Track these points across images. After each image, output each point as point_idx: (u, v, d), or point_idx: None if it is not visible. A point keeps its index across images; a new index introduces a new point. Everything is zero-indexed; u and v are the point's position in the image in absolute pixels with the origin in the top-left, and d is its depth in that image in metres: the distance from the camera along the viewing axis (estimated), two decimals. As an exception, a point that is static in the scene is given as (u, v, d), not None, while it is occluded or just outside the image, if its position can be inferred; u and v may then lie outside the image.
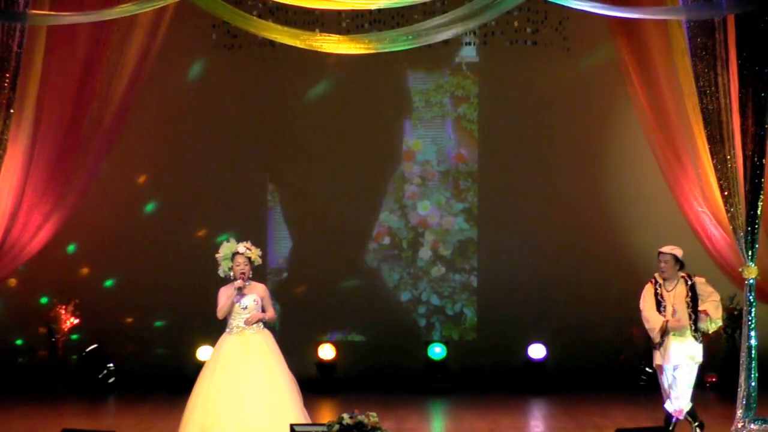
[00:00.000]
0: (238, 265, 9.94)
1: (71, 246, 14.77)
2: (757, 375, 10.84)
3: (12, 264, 11.85)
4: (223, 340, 9.94)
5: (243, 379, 9.65)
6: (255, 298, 9.96)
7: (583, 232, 14.97)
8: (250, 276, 10.01)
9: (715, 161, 10.98)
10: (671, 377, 10.26)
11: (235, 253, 9.96)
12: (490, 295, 15.09)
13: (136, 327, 14.92)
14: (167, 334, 14.88)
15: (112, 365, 14.23)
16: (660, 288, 10.34)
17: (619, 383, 14.15)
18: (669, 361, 10.21)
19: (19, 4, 10.93)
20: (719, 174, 10.96)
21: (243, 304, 9.91)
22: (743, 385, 10.82)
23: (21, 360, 14.83)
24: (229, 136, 15.02)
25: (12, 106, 11.14)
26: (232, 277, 9.98)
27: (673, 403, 10.23)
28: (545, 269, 14.96)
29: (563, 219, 14.99)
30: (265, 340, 9.94)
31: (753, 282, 10.87)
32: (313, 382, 13.55)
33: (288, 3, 11.09)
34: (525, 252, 15.05)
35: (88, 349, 14.17)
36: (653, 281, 10.41)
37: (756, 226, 10.80)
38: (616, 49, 12.22)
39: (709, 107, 10.93)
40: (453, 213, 15.24)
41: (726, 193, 10.92)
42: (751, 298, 10.87)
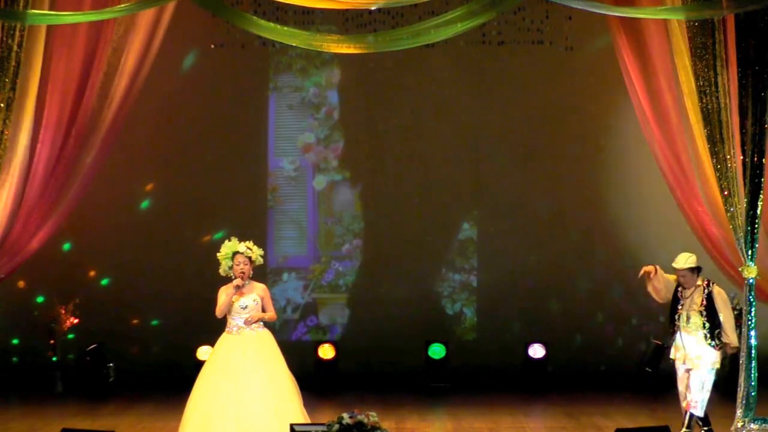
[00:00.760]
0: (238, 265, 9.93)
1: (66, 244, 14.76)
2: (757, 375, 10.85)
3: (11, 263, 11.85)
4: (223, 339, 9.94)
5: (242, 379, 9.64)
6: (255, 297, 9.95)
7: (583, 231, 14.98)
8: (250, 276, 10.01)
9: (715, 161, 10.98)
10: (681, 374, 10.30)
11: (236, 253, 9.95)
12: (490, 295, 15.09)
13: (135, 327, 14.93)
14: (167, 333, 14.87)
15: (112, 365, 14.22)
16: (681, 289, 10.39)
17: (619, 383, 14.15)
18: (677, 357, 10.27)
19: (19, 3, 10.94)
20: (719, 174, 10.96)
21: (243, 303, 9.91)
22: (743, 385, 10.83)
23: (21, 360, 14.82)
24: (229, 135, 15.02)
25: (12, 106, 11.15)
26: (232, 276, 9.98)
27: (687, 398, 10.31)
28: (545, 269, 14.97)
29: (563, 219, 15.00)
30: (265, 339, 9.94)
31: (753, 282, 10.87)
32: (313, 381, 13.55)
33: (288, 3, 11.08)
34: (525, 252, 15.05)
35: (88, 349, 14.16)
36: (676, 288, 10.45)
37: (756, 225, 10.80)
38: (616, 49, 12.21)
39: (709, 107, 10.94)
40: (453, 213, 15.27)
41: (726, 193, 10.93)
42: (751, 297, 10.88)
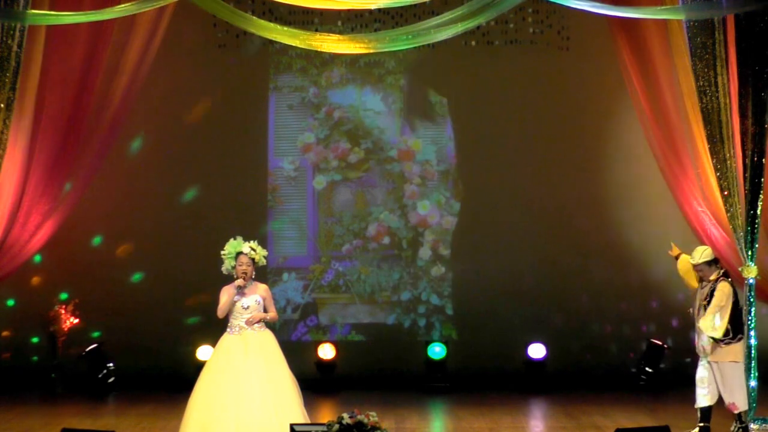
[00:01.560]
0: (240, 265, 9.93)
1: (70, 246, 14.79)
2: (757, 374, 10.85)
3: (12, 263, 11.86)
4: (224, 339, 9.94)
5: (243, 379, 9.64)
6: (257, 298, 9.95)
7: (584, 231, 14.96)
8: (252, 276, 10.01)
9: (715, 161, 10.99)
10: (702, 363, 10.52)
11: (239, 253, 9.96)
12: (490, 295, 15.08)
13: (136, 327, 14.91)
14: (167, 334, 14.86)
15: (112, 365, 14.22)
16: (700, 282, 10.62)
17: (619, 383, 14.15)
18: (698, 348, 10.50)
19: (19, 3, 10.94)
20: (719, 174, 10.97)
21: (245, 304, 9.91)
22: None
23: (21, 360, 14.81)
24: (229, 135, 15.00)
25: (12, 106, 11.16)
26: (234, 276, 9.98)
27: (726, 397, 10.51)
28: (545, 269, 14.95)
29: (563, 218, 14.98)
30: (266, 339, 9.94)
31: (753, 282, 10.88)
32: (313, 381, 13.55)
33: (288, 2, 11.08)
34: (525, 252, 15.03)
35: (88, 349, 14.15)
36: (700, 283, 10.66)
37: (756, 225, 10.81)
38: (616, 49, 12.22)
39: (709, 107, 10.94)
40: (453, 213, 15.23)
41: (726, 193, 10.93)
42: (751, 297, 10.89)
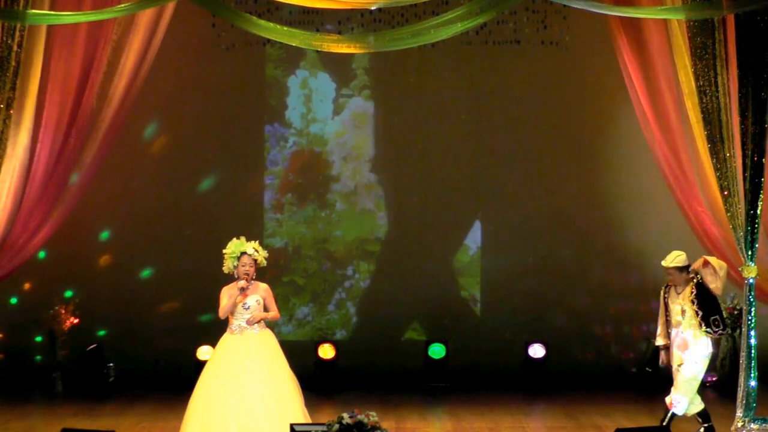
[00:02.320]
0: (243, 266, 9.92)
1: (70, 246, 14.80)
2: (757, 375, 10.85)
3: (12, 263, 11.85)
4: (225, 339, 9.94)
5: (244, 379, 9.64)
6: (257, 298, 9.95)
7: (583, 232, 14.97)
8: (253, 277, 10.01)
9: (715, 161, 10.98)
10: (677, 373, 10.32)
11: (243, 253, 9.94)
12: (490, 295, 15.09)
13: (136, 327, 14.91)
14: (167, 333, 14.87)
15: (112, 365, 14.22)
16: (668, 293, 10.37)
17: (619, 383, 14.15)
18: (676, 362, 10.26)
19: (19, 3, 10.94)
20: (719, 173, 10.97)
21: (246, 304, 9.90)
22: (743, 385, 10.84)
23: (21, 359, 14.81)
24: (229, 135, 15.01)
25: (12, 106, 11.15)
26: (236, 276, 9.97)
27: (671, 393, 10.27)
28: (545, 269, 14.96)
29: (563, 218, 14.99)
30: (267, 339, 9.94)
31: (753, 281, 10.88)
32: (313, 381, 13.55)
33: (288, 2, 11.08)
34: (525, 252, 15.04)
35: (88, 349, 14.15)
36: (664, 288, 10.44)
37: (756, 225, 10.81)
38: (616, 49, 12.21)
39: (709, 107, 10.94)
40: (453, 213, 15.27)
41: (726, 193, 10.93)
42: (751, 297, 10.88)
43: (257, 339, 9.87)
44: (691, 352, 10.16)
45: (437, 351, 14.43)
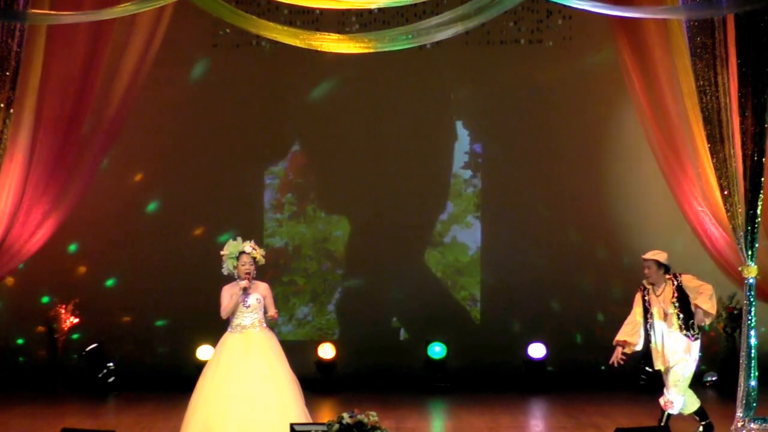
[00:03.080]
0: (243, 265, 9.93)
1: (72, 246, 14.78)
2: (757, 374, 10.85)
3: (12, 262, 11.86)
4: (225, 339, 9.94)
5: (245, 379, 9.64)
6: (258, 296, 9.95)
7: (583, 231, 14.98)
8: (254, 276, 10.01)
9: (715, 161, 10.98)
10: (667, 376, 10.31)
11: (242, 252, 9.95)
12: (490, 295, 15.09)
13: (136, 327, 14.92)
14: (167, 333, 14.88)
15: (112, 365, 14.22)
16: (648, 294, 10.38)
17: (619, 383, 14.15)
18: (667, 364, 10.25)
19: (19, 3, 10.94)
20: (719, 173, 10.96)
21: (246, 303, 9.91)
22: (743, 385, 10.83)
23: (21, 359, 14.83)
24: (229, 135, 15.02)
25: (12, 105, 11.15)
26: (236, 276, 9.98)
27: (664, 394, 10.28)
28: (545, 269, 14.96)
29: (563, 218, 15.00)
30: (268, 339, 9.94)
31: (753, 281, 10.87)
32: (313, 381, 13.55)
33: (288, 2, 11.08)
34: (525, 252, 15.05)
35: (88, 349, 14.16)
36: (642, 288, 10.45)
37: (756, 225, 10.80)
38: (616, 49, 12.21)
39: (709, 107, 10.93)
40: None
41: (726, 193, 10.92)
42: (751, 297, 10.87)
43: (258, 338, 9.87)
44: (691, 352, 10.19)
45: (437, 351, 14.44)
